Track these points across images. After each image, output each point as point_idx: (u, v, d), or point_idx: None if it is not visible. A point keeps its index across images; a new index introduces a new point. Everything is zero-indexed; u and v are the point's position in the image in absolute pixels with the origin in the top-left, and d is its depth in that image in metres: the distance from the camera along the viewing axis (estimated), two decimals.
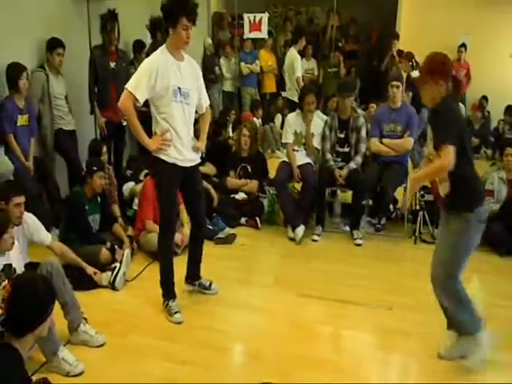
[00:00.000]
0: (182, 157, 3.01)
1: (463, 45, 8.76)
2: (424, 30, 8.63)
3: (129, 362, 2.67)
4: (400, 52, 8.23)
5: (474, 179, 2.63)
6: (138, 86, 2.86)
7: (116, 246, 3.67)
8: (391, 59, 8.20)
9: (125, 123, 4.76)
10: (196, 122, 3.24)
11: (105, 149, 4.40)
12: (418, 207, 4.63)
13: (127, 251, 3.59)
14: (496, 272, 3.54)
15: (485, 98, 8.48)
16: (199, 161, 3.20)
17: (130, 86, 2.87)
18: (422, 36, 8.69)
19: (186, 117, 2.99)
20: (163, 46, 2.98)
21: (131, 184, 4.66)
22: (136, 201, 4.38)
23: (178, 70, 2.95)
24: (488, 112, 8.17)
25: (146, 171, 4.67)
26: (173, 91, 2.91)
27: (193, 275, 3.39)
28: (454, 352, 2.72)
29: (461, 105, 8.42)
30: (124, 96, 2.87)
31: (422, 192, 4.60)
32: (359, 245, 4.38)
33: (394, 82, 4.75)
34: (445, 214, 2.74)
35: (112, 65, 4.80)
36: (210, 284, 3.40)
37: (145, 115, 3.23)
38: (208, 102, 3.26)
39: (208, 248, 3.60)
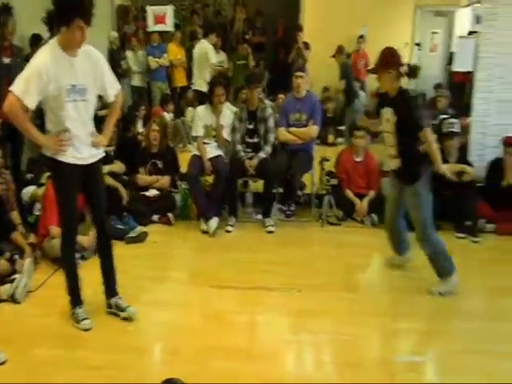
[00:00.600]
0: (80, 155, 2.83)
1: (362, 36, 9.20)
2: (327, 22, 8.95)
3: (33, 378, 2.52)
4: (306, 44, 8.48)
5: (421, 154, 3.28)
6: (26, 91, 2.59)
7: (16, 256, 3.46)
8: (298, 51, 8.43)
9: None
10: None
11: (0, 151, 4.12)
12: (323, 192, 4.81)
13: (28, 260, 3.39)
14: None
15: None
16: (102, 155, 3.02)
17: (17, 89, 2.59)
18: (325, 28, 9.02)
19: (82, 115, 2.80)
20: (53, 41, 2.73)
21: (32, 188, 4.40)
22: (38, 206, 4.14)
23: (71, 66, 2.73)
24: None
25: (48, 173, 4.43)
26: (66, 91, 2.70)
27: (108, 292, 3.15)
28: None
29: (362, 92, 8.89)
30: (11, 101, 2.59)
31: (327, 177, 4.80)
32: (271, 232, 4.49)
33: (298, 73, 4.90)
34: (397, 183, 3.49)
35: (6, 60, 4.53)
36: (127, 307, 3.09)
37: None
38: (118, 88, 2.99)
39: (119, 248, 3.51)
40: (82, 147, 2.85)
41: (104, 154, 3.05)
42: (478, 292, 3.56)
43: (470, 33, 7.51)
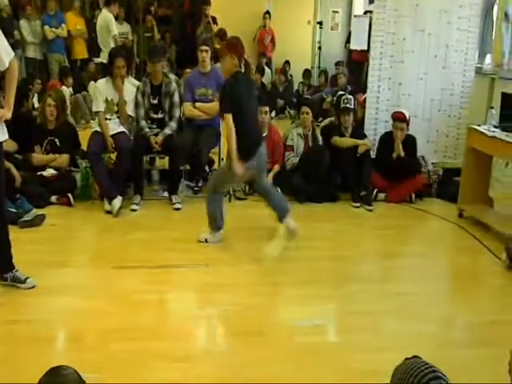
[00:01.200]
0: None
1: (267, 12, 9.28)
2: None
3: None
4: (213, 18, 8.37)
5: (242, 137, 3.45)
6: None
7: None
8: (206, 25, 8.29)
9: None
10: None
11: None
12: None
13: None
14: (296, 218, 3.92)
15: (287, 62, 9.18)
16: (4, 139, 2.83)
17: None
18: (231, 3, 8.96)
19: None
20: None
21: None
22: None
23: None
24: (291, 76, 8.89)
25: None
26: None
27: (2, 268, 3.04)
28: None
29: (267, 69, 9.02)
30: None
31: None
32: (178, 209, 4.46)
33: (203, 47, 4.84)
34: None
35: None
36: (26, 278, 3.05)
37: None
38: (11, 55, 2.80)
39: (13, 233, 3.28)
40: None
41: (6, 137, 2.84)
42: (370, 256, 3.84)
43: (366, 12, 7.86)
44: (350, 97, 4.91)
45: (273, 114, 7.14)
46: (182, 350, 2.57)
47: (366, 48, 6.09)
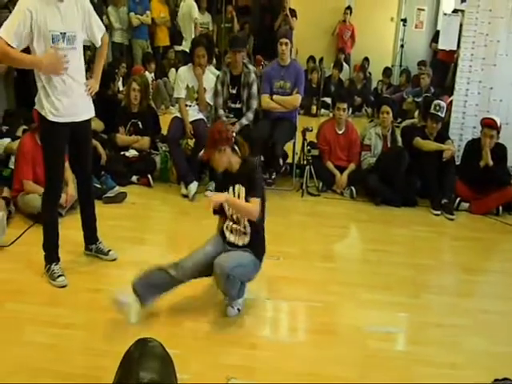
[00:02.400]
0: (71, 110, 2.78)
1: (349, 7, 9.10)
2: None
3: (7, 332, 2.51)
4: (292, 11, 8.32)
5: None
6: (8, 30, 2.55)
7: None
8: (284, 18, 8.27)
9: None
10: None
11: None
12: (304, 162, 4.82)
13: (1, 214, 3.32)
14: (371, 220, 3.84)
15: (366, 59, 8.96)
16: (92, 115, 2.97)
17: (2, 31, 2.56)
18: None
19: (75, 62, 2.75)
20: None
21: (7, 141, 4.26)
22: (13, 159, 4.03)
23: (58, 11, 2.65)
24: (369, 73, 8.67)
25: (24, 127, 4.31)
26: (52, 37, 2.64)
27: (88, 240, 3.24)
28: None
29: (345, 65, 8.86)
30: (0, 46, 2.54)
31: (308, 147, 4.80)
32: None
33: (283, 40, 4.81)
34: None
35: None
36: (109, 250, 3.24)
37: None
38: (103, 30, 2.96)
39: (96, 207, 3.44)
40: (72, 104, 2.79)
41: (93, 114, 2.99)
42: (449, 268, 3.66)
43: (455, 11, 7.50)
44: (443, 105, 4.65)
45: (350, 111, 7.01)
46: (250, 338, 2.60)
47: (455, 48, 5.80)
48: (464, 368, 2.45)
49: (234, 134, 2.84)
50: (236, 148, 2.79)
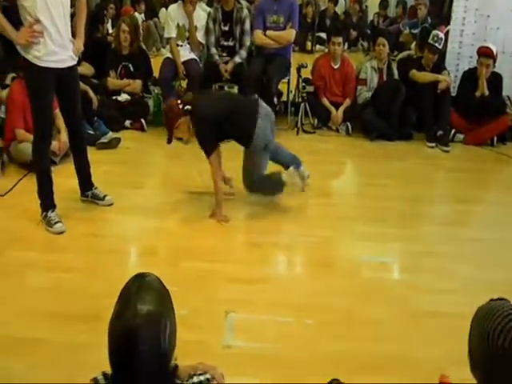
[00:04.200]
0: (56, 57, 2.73)
1: None
2: None
3: (9, 278, 2.56)
4: None
5: None
6: None
7: None
8: None
9: None
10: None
11: None
12: (299, 99, 4.75)
13: None
14: (367, 155, 3.83)
15: None
16: (75, 62, 2.91)
17: None
18: None
19: (56, 10, 2.67)
20: None
21: None
22: (2, 108, 3.97)
23: None
24: (366, 6, 8.35)
25: (12, 75, 4.20)
26: None
27: (83, 186, 3.24)
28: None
29: None
30: None
31: (303, 84, 4.71)
32: None
33: None
34: None
35: None
36: (105, 196, 3.26)
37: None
38: None
39: (90, 154, 3.41)
40: (58, 49, 2.74)
41: (76, 61, 2.93)
42: (443, 199, 3.71)
43: None
44: (442, 36, 4.52)
45: (345, 46, 6.81)
46: (249, 274, 2.66)
47: None
48: (455, 293, 2.52)
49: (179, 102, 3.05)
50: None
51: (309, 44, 7.53)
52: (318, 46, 7.50)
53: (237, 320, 2.27)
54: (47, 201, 2.99)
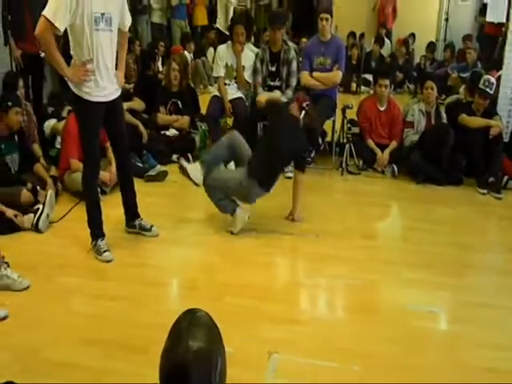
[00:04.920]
0: (104, 92, 2.86)
1: None
2: None
3: (56, 303, 2.62)
4: None
5: None
6: (56, 12, 2.58)
7: (38, 187, 3.50)
8: None
9: (43, 55, 4.42)
10: None
11: (21, 83, 4.10)
12: (344, 140, 4.75)
13: (50, 192, 3.44)
14: (413, 199, 3.75)
15: (412, 35, 8.68)
16: (119, 92, 3.04)
17: (47, 12, 2.59)
18: None
19: (108, 46, 2.81)
20: None
21: (53, 121, 4.39)
22: (59, 139, 4.16)
23: None
24: (413, 49, 8.39)
25: (68, 108, 4.41)
26: (94, 18, 2.68)
27: (129, 216, 3.31)
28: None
29: (387, 41, 8.61)
30: (41, 24, 2.59)
31: (348, 125, 4.72)
32: (290, 178, 4.45)
33: (323, 15, 4.70)
34: None
35: None
36: (151, 226, 3.31)
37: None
38: (130, 21, 3.04)
39: (138, 186, 3.49)
40: (106, 83, 2.86)
41: (120, 92, 3.05)
42: (495, 247, 3.56)
43: None
44: (493, 81, 4.45)
45: (391, 88, 6.83)
46: (293, 315, 2.61)
47: (504, 21, 5.53)
48: (509, 349, 2.39)
49: None
50: None
51: (354, 85, 7.59)
52: (363, 88, 7.55)
53: (279, 361, 2.21)
54: (97, 230, 3.07)
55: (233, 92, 4.73)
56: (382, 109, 4.77)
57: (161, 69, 6.46)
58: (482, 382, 2.16)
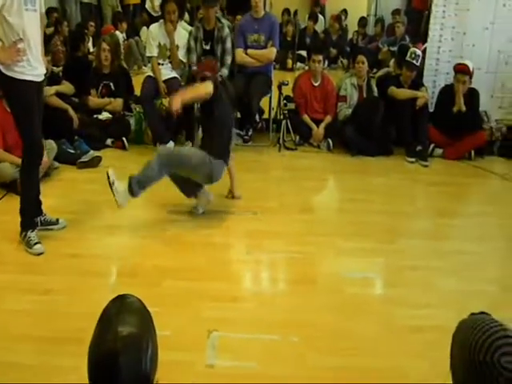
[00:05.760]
0: (35, 71, 2.75)
1: None
2: None
3: None
4: None
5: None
6: None
7: None
8: None
9: None
10: None
11: None
12: (281, 116, 4.79)
13: None
14: (348, 171, 3.87)
15: (345, 11, 8.80)
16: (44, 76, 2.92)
17: None
18: None
19: (35, 26, 2.71)
20: None
21: None
22: None
23: None
24: (345, 24, 8.52)
25: None
26: None
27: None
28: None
29: (320, 17, 8.68)
30: None
31: (284, 101, 4.76)
32: None
33: None
34: None
35: None
36: (57, 219, 3.15)
37: None
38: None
39: (71, 173, 3.40)
40: (36, 63, 2.76)
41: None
42: (423, 213, 3.75)
43: None
44: (419, 53, 4.63)
45: (325, 63, 6.92)
46: (232, 292, 2.63)
47: None
48: (438, 307, 2.53)
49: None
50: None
51: (289, 62, 7.62)
52: (298, 64, 7.61)
53: (220, 339, 2.24)
54: (29, 220, 2.93)
55: (167, 72, 4.64)
56: (316, 84, 4.84)
57: (91, 50, 6.21)
58: (412, 339, 2.28)
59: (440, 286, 2.73)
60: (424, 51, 4.99)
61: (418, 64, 4.60)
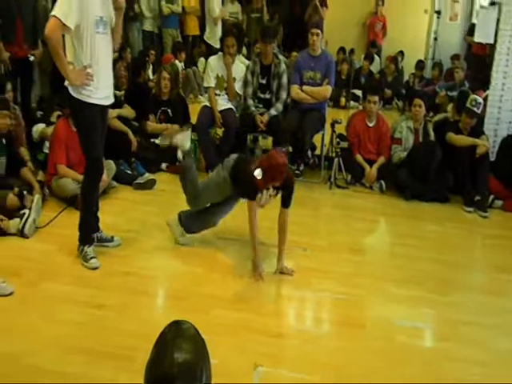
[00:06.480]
0: (102, 95, 2.87)
1: None
2: None
3: (40, 310, 2.58)
4: (323, 1, 8.24)
5: None
6: (67, 12, 2.60)
7: (25, 192, 3.45)
8: (314, 8, 8.19)
9: (32, 59, 4.42)
10: None
11: (9, 86, 4.05)
12: (333, 154, 4.78)
13: (37, 197, 3.41)
14: (400, 215, 3.79)
15: (401, 52, 8.82)
16: (112, 100, 3.04)
17: (58, 12, 2.60)
18: None
19: (107, 49, 2.83)
20: None
21: (41, 126, 4.34)
22: (47, 144, 4.12)
23: None
24: (401, 66, 8.52)
25: (58, 113, 4.38)
26: (95, 21, 2.71)
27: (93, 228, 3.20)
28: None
29: (376, 57, 8.74)
30: (52, 24, 2.60)
31: (337, 139, 4.76)
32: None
33: (314, 30, 4.77)
34: None
35: None
36: (112, 237, 3.24)
37: None
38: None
39: (127, 193, 3.50)
40: (105, 86, 2.87)
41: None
42: (480, 266, 3.60)
43: (492, 3, 7.28)
44: (481, 101, 4.52)
45: (380, 104, 6.91)
46: (278, 328, 2.60)
47: (492, 42, 5.67)
48: (494, 366, 2.41)
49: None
50: None
51: (343, 100, 7.65)
52: (352, 103, 7.62)
53: (264, 374, 2.21)
54: (87, 235, 3.03)
55: (223, 103, 4.75)
56: (370, 125, 4.82)
57: (151, 77, 6.45)
58: None
59: (496, 345, 2.59)
60: (485, 99, 4.91)
61: (478, 112, 4.52)
